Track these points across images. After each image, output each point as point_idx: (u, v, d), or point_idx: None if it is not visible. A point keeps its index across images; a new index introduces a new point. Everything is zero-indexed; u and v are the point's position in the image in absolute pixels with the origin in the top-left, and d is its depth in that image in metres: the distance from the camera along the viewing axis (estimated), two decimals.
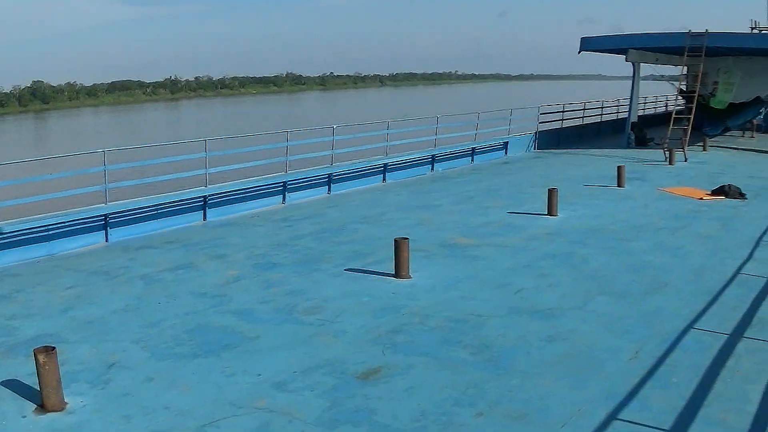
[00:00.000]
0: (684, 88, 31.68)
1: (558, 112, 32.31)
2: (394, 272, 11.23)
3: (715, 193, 18.44)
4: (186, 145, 18.55)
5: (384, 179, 22.23)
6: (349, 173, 20.93)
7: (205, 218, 16.56)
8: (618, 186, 19.61)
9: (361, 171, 21.41)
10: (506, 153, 28.50)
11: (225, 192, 17.13)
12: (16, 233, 13.29)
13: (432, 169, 24.39)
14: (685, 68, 30.04)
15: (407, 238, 11.33)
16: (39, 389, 7.02)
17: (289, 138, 19.02)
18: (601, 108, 35.92)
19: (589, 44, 31.07)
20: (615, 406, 6.92)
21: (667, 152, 24.87)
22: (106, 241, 14.67)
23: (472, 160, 26.49)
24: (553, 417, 6.74)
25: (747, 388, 7.31)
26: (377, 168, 22.11)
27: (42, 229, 13.70)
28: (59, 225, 13.97)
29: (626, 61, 31.08)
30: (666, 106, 41.92)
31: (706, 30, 27.01)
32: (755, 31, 37.91)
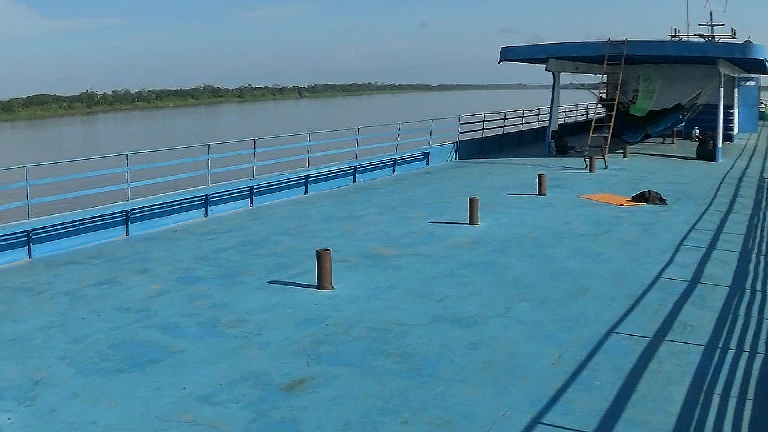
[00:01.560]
0: (604, 96, 32.40)
1: (479, 122, 32.64)
2: (317, 284, 11.25)
3: (635, 199, 18.83)
4: (107, 160, 18.26)
5: (306, 191, 22.15)
6: (271, 185, 20.82)
7: (127, 233, 16.31)
8: (539, 194, 19.88)
9: (283, 183, 21.32)
10: (428, 163, 28.68)
11: (147, 206, 16.90)
12: None
13: (354, 180, 24.43)
14: (605, 76, 30.79)
15: (329, 250, 11.39)
16: None
17: (211, 151, 18.84)
18: (522, 117, 36.43)
19: (509, 54, 31.55)
20: (539, 410, 7.03)
21: (587, 159, 25.24)
22: (30, 257, 14.37)
23: (394, 171, 26.59)
24: (478, 423, 6.83)
25: (670, 390, 7.50)
26: (299, 180, 22.03)
27: None
28: None
29: (546, 70, 31.67)
30: (587, 114, 42.73)
31: (626, 38, 27.77)
32: (675, 39, 39.06)
